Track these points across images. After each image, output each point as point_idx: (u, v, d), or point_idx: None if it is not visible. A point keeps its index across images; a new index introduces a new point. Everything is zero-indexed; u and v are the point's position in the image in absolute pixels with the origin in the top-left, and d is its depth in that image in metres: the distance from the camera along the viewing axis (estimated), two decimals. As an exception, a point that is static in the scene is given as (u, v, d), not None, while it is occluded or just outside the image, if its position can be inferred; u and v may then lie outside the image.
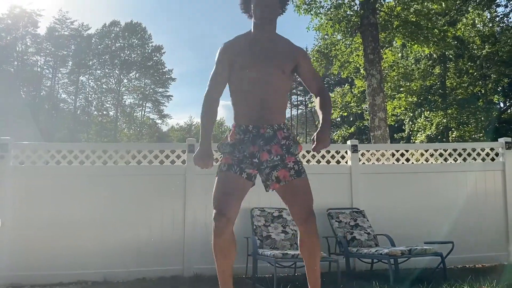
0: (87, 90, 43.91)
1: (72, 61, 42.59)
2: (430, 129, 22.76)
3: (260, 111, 2.32)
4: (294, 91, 43.59)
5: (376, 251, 4.23)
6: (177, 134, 53.90)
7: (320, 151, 5.06)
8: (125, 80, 44.92)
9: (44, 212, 4.80)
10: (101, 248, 4.82)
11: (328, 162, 5.60)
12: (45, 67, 42.53)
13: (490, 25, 24.09)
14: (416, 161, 5.85)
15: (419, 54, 11.85)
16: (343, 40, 10.74)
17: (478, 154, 5.91)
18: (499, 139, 5.99)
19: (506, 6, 24.51)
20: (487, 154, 5.93)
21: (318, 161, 5.58)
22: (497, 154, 5.92)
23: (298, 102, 47.46)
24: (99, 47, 44.02)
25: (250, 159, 2.30)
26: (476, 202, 5.68)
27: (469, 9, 23.00)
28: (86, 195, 4.94)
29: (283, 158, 2.32)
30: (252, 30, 2.43)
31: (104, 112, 43.79)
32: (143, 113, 46.23)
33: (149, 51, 45.52)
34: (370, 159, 5.80)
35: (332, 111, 15.11)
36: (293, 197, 2.30)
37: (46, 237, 4.73)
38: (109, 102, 44.19)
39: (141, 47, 45.36)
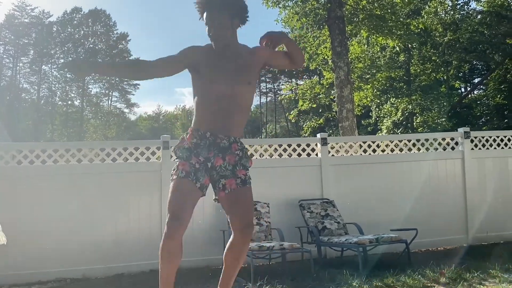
0: (51, 79, 42.60)
1: (34, 50, 41.16)
2: (396, 115, 23.48)
3: (222, 123, 2.38)
4: (263, 78, 43.73)
5: (346, 240, 4.49)
6: (146, 123, 53.28)
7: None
8: (90, 69, 43.77)
9: (19, 212, 4.81)
10: (79, 245, 4.88)
11: (299, 155, 5.81)
12: (4, 56, 40.97)
13: (452, 12, 24.89)
14: (382, 151, 6.15)
15: (384, 42, 12.18)
16: (311, 32, 10.93)
17: (440, 144, 6.27)
18: (458, 129, 6.35)
19: (466, -6, 25.38)
20: (448, 144, 6.29)
21: (290, 155, 5.79)
22: (457, 143, 6.29)
23: (267, 90, 47.65)
24: (62, 35, 42.66)
25: (204, 163, 2.36)
26: (438, 189, 6.04)
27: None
28: (62, 193, 4.98)
29: (235, 169, 2.39)
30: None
31: (69, 102, 42.64)
32: (109, 102, 45.38)
33: (114, 39, 44.49)
34: (339, 151, 6.06)
35: (301, 103, 15.35)
36: (235, 204, 2.36)
37: (22, 237, 4.72)
38: (74, 92, 43.04)
39: (105, 35, 44.26)
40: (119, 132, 42.07)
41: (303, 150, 5.84)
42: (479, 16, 24.35)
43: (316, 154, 5.82)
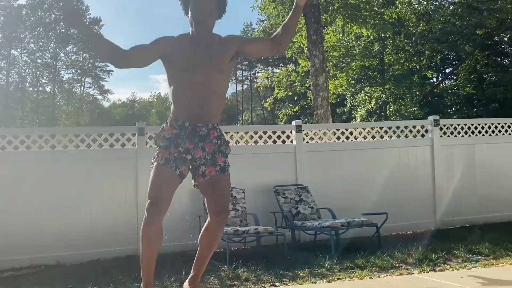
0: (20, 64, 41.35)
1: (2, 34, 39.78)
2: (370, 103, 23.86)
3: (199, 111, 2.43)
4: (239, 66, 43.56)
5: (319, 224, 4.62)
6: (120, 110, 52.46)
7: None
8: (62, 54, 42.74)
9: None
10: (53, 231, 4.85)
11: (274, 142, 5.90)
12: (-29, 39, 39.47)
13: (425, 3, 25.28)
14: (355, 138, 6.29)
15: (359, 31, 12.36)
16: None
17: (410, 131, 6.46)
18: (428, 117, 6.55)
19: (439, -15, 25.80)
20: (418, 131, 6.48)
21: (265, 142, 5.87)
22: (426, 131, 6.49)
23: (243, 77, 47.53)
24: (32, 18, 41.33)
25: (184, 155, 2.41)
26: (408, 175, 6.23)
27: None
28: (36, 179, 4.93)
29: (214, 157, 2.46)
30: (191, 32, 2.51)
31: (40, 88, 41.54)
32: (82, 89, 44.44)
33: (87, 23, 43.36)
34: (314, 138, 6.17)
35: (277, 91, 15.44)
36: (213, 190, 2.44)
37: (-5, 224, 4.69)
38: (45, 78, 41.93)
39: (78, 20, 43.09)
40: (92, 119, 41.32)
41: (278, 137, 5.92)
42: (451, 7, 24.81)
43: (291, 141, 5.91)
